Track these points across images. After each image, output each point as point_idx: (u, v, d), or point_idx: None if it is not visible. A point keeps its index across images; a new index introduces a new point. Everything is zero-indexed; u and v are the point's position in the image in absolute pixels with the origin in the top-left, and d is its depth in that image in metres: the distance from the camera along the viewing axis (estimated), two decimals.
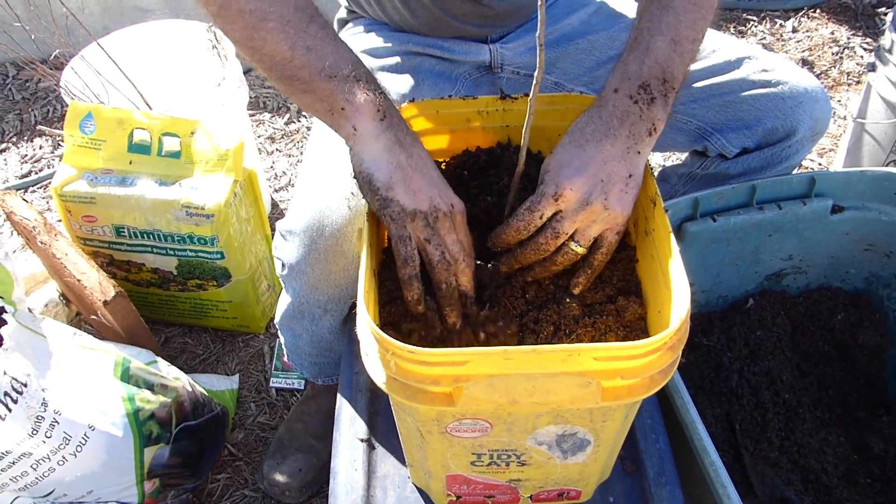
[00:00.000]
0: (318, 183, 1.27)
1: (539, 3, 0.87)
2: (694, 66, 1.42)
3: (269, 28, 0.96)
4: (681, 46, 1.03)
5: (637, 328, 1.00)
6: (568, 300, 1.02)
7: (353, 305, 1.40)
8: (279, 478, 1.69)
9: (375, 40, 1.48)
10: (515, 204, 1.04)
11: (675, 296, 0.88)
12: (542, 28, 0.85)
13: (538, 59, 0.89)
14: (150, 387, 1.58)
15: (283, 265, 1.31)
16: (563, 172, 0.99)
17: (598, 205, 0.98)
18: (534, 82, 0.93)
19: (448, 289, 0.99)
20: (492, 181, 1.13)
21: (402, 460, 1.23)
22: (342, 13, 1.60)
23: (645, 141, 1.00)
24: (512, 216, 1.01)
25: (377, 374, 0.87)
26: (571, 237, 1.00)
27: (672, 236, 0.92)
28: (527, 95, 1.14)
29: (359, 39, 1.50)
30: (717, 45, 1.44)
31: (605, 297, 1.03)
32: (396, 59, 1.45)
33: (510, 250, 1.03)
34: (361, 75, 0.99)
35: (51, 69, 2.11)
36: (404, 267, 0.97)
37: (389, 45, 1.47)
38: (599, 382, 0.84)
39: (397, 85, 1.42)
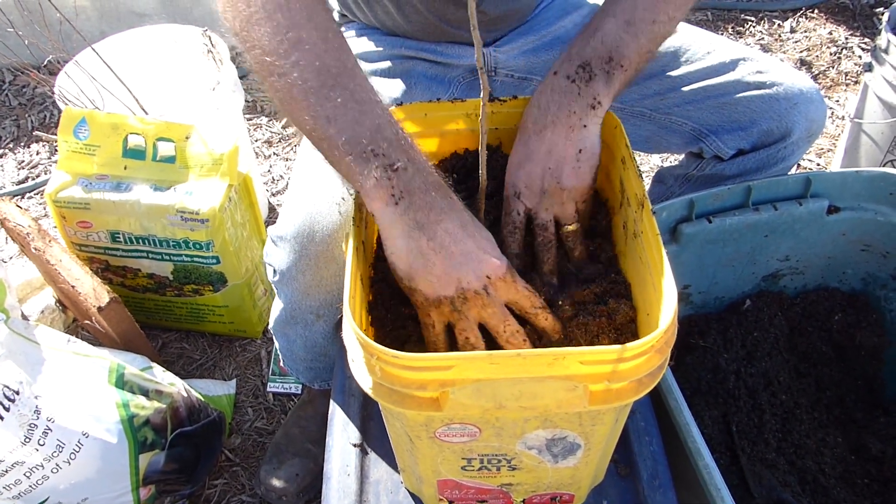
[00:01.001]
0: (308, 188, 1.27)
1: (472, 26, 0.86)
2: (689, 68, 1.43)
3: (295, 96, 0.91)
4: (634, 27, 1.03)
5: (627, 331, 1.00)
6: (560, 301, 1.01)
7: None
8: (276, 483, 1.69)
9: (367, 44, 1.48)
10: (483, 218, 1.06)
11: (663, 298, 0.87)
12: (479, 51, 0.84)
13: (482, 85, 0.90)
14: (145, 393, 1.57)
15: (274, 271, 1.30)
16: (514, 172, 1.06)
17: (555, 190, 1.04)
18: (482, 104, 0.92)
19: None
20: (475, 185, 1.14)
21: (394, 465, 1.22)
22: (334, 17, 1.59)
23: (589, 114, 1.02)
24: (501, 227, 1.07)
25: (364, 379, 0.87)
26: (559, 224, 1.06)
27: (660, 238, 0.92)
28: (516, 98, 1.15)
29: (350, 44, 1.48)
30: (711, 47, 1.44)
31: (592, 296, 1.02)
32: (388, 63, 1.45)
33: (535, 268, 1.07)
34: (381, 148, 0.90)
35: (46, 75, 2.11)
36: (430, 347, 0.97)
37: (381, 49, 1.47)
38: (587, 386, 0.83)
39: (389, 89, 1.42)
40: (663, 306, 0.86)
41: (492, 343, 0.97)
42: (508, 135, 1.17)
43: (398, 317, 1.04)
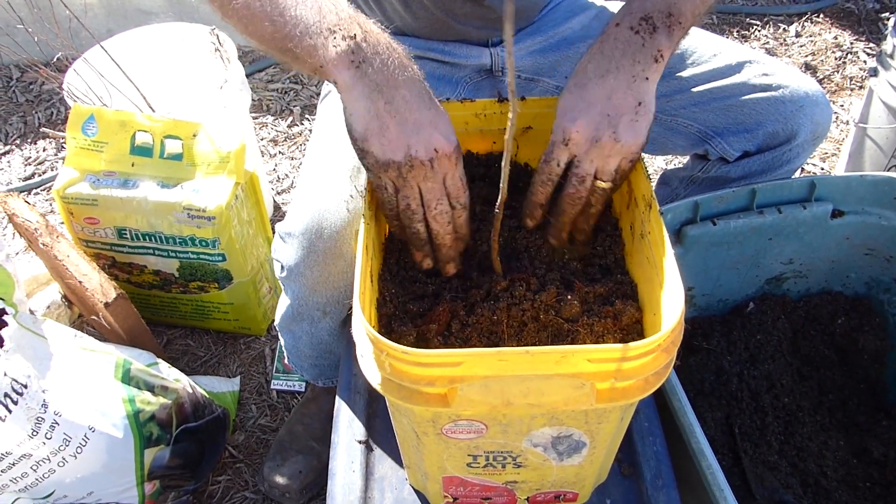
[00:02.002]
0: (316, 185, 1.27)
1: (507, 52, 0.86)
2: (695, 71, 1.43)
3: (253, 10, 0.98)
4: None
5: (634, 331, 1.00)
6: (569, 297, 1.02)
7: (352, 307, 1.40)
8: (280, 480, 1.69)
9: None
10: (500, 229, 1.05)
11: (668, 298, 0.88)
12: (511, 75, 0.85)
13: (510, 102, 0.89)
14: (151, 388, 1.58)
15: (281, 267, 1.31)
16: (567, 116, 1.01)
17: (609, 140, 1.00)
18: (509, 124, 0.93)
19: (414, 234, 1.03)
20: (485, 192, 1.16)
21: (399, 462, 1.23)
22: None
23: (651, 67, 1.00)
24: (535, 173, 1.05)
25: (372, 375, 0.87)
26: (594, 176, 1.02)
27: (667, 239, 0.92)
28: (524, 99, 1.15)
29: None
30: (718, 50, 1.45)
31: (598, 296, 1.03)
32: None
33: (549, 222, 1.07)
34: (336, 24, 0.96)
35: (54, 72, 2.12)
36: (382, 209, 1.03)
37: None
38: (594, 384, 0.84)
39: None
40: (670, 306, 0.87)
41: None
42: (516, 135, 1.18)
43: (406, 313, 1.05)
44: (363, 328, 0.85)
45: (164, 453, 1.57)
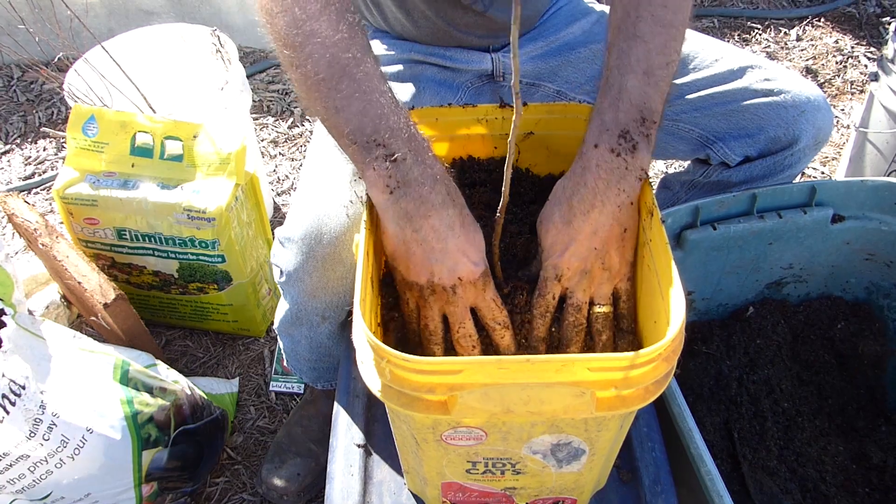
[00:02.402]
0: (316, 190, 1.27)
1: (512, 54, 0.86)
2: (696, 76, 1.43)
3: (309, 87, 0.97)
4: (654, 77, 1.01)
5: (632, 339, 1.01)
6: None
7: (351, 312, 1.40)
8: (278, 482, 1.69)
9: (378, 48, 1.48)
10: (500, 233, 1.05)
11: (671, 307, 0.88)
12: (516, 77, 0.84)
13: (515, 105, 0.89)
14: (150, 390, 1.58)
15: (281, 272, 1.31)
16: (556, 253, 1.01)
17: (598, 271, 1.00)
18: (512, 126, 0.92)
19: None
20: (486, 198, 1.16)
21: (398, 467, 1.23)
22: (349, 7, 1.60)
23: (636, 189, 1.00)
24: (532, 309, 1.03)
25: (372, 381, 0.87)
26: (592, 303, 1.02)
27: (668, 247, 0.92)
28: (526, 104, 1.15)
29: None
30: (719, 55, 1.45)
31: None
32: (399, 67, 1.46)
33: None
34: (385, 138, 0.95)
35: (55, 71, 2.11)
36: (407, 321, 1.03)
37: (392, 52, 1.47)
38: (594, 393, 0.84)
39: (400, 93, 1.42)
40: (671, 315, 0.87)
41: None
42: (517, 140, 1.18)
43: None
44: (364, 335, 0.85)
45: (163, 455, 1.57)
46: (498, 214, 1.01)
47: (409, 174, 0.95)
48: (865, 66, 2.84)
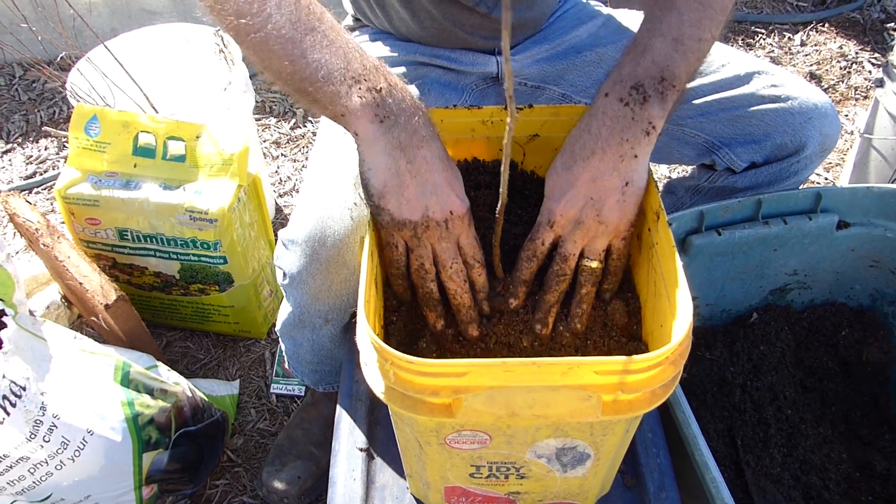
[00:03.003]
0: (320, 192, 1.26)
1: (504, 59, 0.85)
2: (703, 81, 1.43)
3: (272, 48, 0.96)
4: (683, 45, 1.00)
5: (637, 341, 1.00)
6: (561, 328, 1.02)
7: (355, 314, 1.40)
8: (278, 485, 1.68)
9: (382, 49, 1.48)
10: (500, 234, 1.04)
11: (677, 310, 0.87)
12: (509, 81, 0.84)
13: (509, 108, 0.89)
14: (150, 391, 1.57)
15: (284, 274, 1.30)
16: (553, 198, 1.01)
17: (592, 223, 0.99)
18: (507, 129, 0.92)
19: (427, 294, 1.02)
20: (491, 200, 1.16)
21: (400, 471, 1.22)
22: (348, 21, 1.59)
23: (642, 143, 0.98)
24: (520, 250, 1.04)
25: (376, 383, 0.87)
26: (583, 255, 1.01)
27: (675, 250, 0.92)
28: (531, 106, 1.15)
29: (364, 48, 1.49)
30: (726, 60, 1.44)
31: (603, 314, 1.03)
32: (402, 69, 1.45)
33: (540, 299, 1.04)
34: (361, 74, 0.96)
35: (57, 70, 2.11)
36: (390, 267, 1.04)
37: (396, 54, 1.47)
38: (600, 396, 0.83)
39: None
40: (678, 319, 0.86)
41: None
42: (522, 142, 1.18)
43: (409, 322, 1.04)
44: (368, 337, 0.84)
45: (163, 457, 1.56)
46: (497, 214, 1.00)
47: (398, 104, 0.96)
48: (870, 71, 2.84)
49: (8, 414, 1.31)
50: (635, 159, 0.98)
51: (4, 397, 1.31)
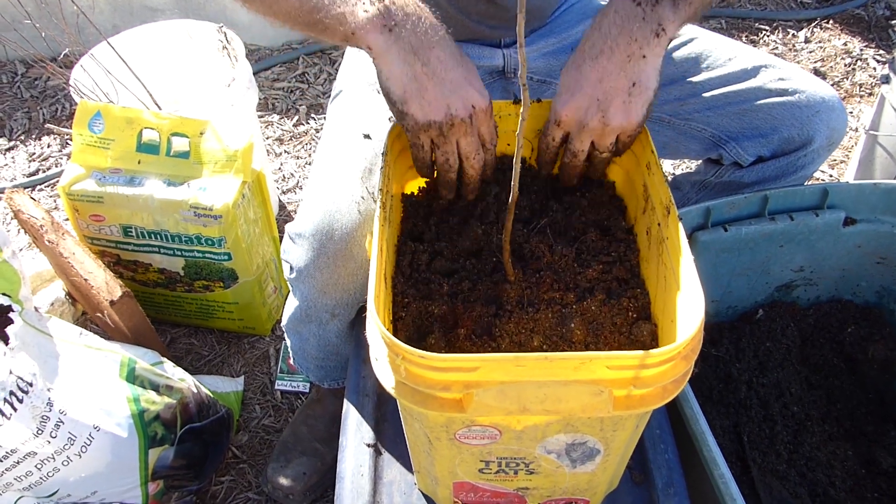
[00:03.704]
0: (327, 186, 1.26)
1: (518, 44, 0.87)
2: (710, 74, 1.42)
3: None
4: None
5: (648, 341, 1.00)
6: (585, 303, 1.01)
7: (362, 309, 1.39)
8: (283, 481, 1.68)
9: None
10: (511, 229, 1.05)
11: (689, 305, 0.87)
12: (523, 69, 0.84)
13: (522, 95, 0.89)
14: (156, 388, 1.57)
15: (291, 268, 1.30)
16: (561, 98, 1.06)
17: (598, 123, 1.03)
18: (520, 122, 0.92)
19: (447, 181, 1.09)
20: (497, 204, 1.17)
21: (408, 466, 1.22)
22: None
23: (651, 43, 0.99)
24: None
25: (386, 378, 0.86)
26: (594, 146, 1.06)
27: (686, 244, 0.91)
28: (539, 101, 1.14)
29: None
30: (733, 54, 1.44)
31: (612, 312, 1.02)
32: None
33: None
34: None
35: (60, 67, 2.11)
36: (416, 162, 1.08)
37: None
38: (612, 391, 0.83)
39: None
40: (690, 313, 0.86)
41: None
42: (530, 137, 1.18)
43: (417, 318, 1.04)
44: (378, 331, 0.84)
45: (169, 453, 1.56)
46: (507, 209, 1.00)
47: (402, 10, 0.98)
48: (874, 68, 2.83)
49: (15, 410, 1.31)
50: (644, 59, 1.00)
51: (11, 393, 1.31)
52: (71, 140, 1.82)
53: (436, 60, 0.98)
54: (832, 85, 2.78)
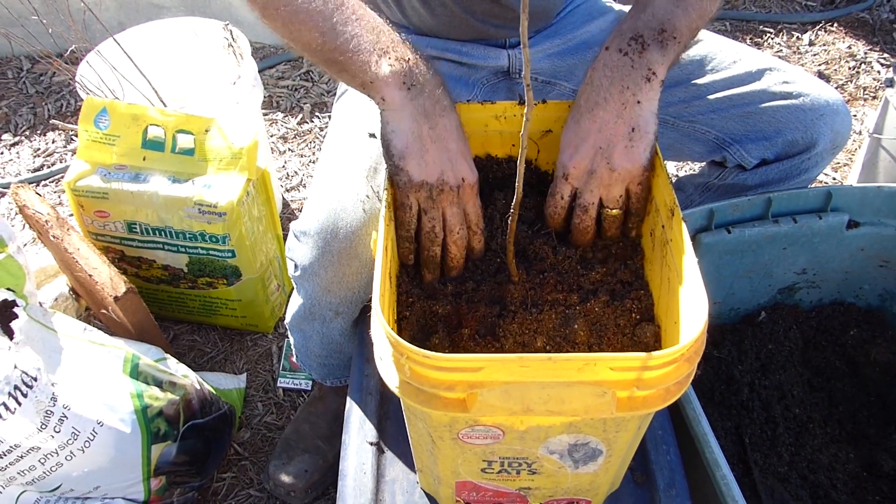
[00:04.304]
0: (332, 184, 1.26)
1: (522, 44, 0.88)
2: (714, 77, 1.43)
3: (302, 20, 1.03)
4: (685, 2, 1.06)
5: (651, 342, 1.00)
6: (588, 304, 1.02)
7: (366, 308, 1.40)
8: (285, 478, 1.68)
9: None
10: (516, 230, 1.06)
11: (692, 307, 0.87)
12: (527, 69, 0.85)
13: (526, 96, 0.89)
14: (159, 384, 1.57)
15: (295, 266, 1.30)
16: (565, 153, 1.08)
17: (604, 171, 1.05)
18: (524, 121, 0.92)
19: (431, 257, 1.08)
20: (502, 206, 1.17)
21: (411, 465, 1.22)
22: None
23: (644, 88, 1.02)
24: (545, 209, 1.12)
25: (390, 377, 0.87)
26: (602, 204, 1.07)
27: (690, 246, 0.92)
28: (544, 102, 1.15)
29: None
30: (737, 57, 1.44)
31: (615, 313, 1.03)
32: None
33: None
34: (390, 47, 1.03)
35: (66, 63, 2.11)
36: (400, 229, 1.08)
37: None
38: (615, 393, 0.83)
39: None
40: (694, 315, 0.86)
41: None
42: (536, 138, 1.18)
43: (422, 317, 1.04)
44: (383, 331, 0.84)
45: (171, 449, 1.56)
46: (511, 210, 1.00)
47: (423, 75, 1.03)
48: (879, 72, 2.83)
49: (19, 404, 1.32)
50: (639, 105, 1.03)
51: (16, 387, 1.31)
52: (76, 136, 1.82)
53: (442, 127, 1.03)
54: (836, 88, 2.78)
